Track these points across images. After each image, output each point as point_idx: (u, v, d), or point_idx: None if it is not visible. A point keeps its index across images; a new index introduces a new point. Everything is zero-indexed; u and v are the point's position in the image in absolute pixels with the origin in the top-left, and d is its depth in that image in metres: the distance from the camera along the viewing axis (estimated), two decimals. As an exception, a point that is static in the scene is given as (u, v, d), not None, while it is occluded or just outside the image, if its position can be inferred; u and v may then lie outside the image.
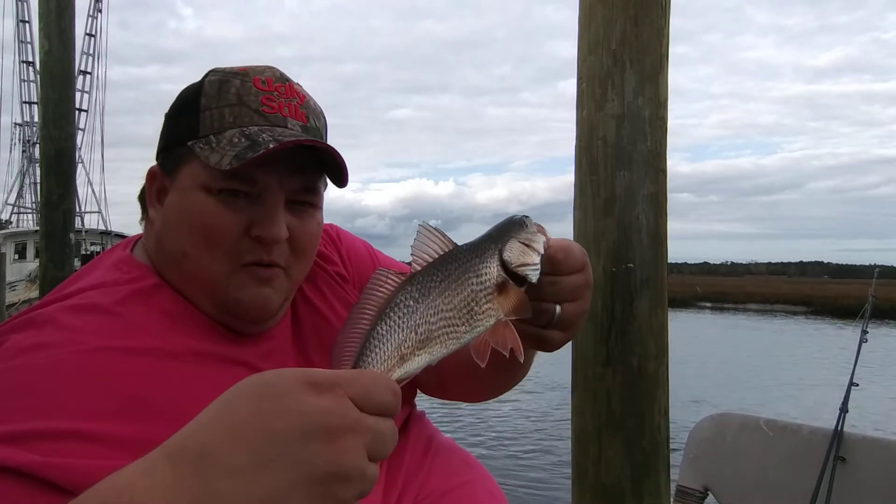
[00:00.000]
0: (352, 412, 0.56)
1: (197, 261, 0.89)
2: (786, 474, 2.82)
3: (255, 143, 0.86)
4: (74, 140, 7.09)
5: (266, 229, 0.88)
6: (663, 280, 2.43)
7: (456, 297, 0.69)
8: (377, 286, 0.70)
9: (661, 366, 2.40)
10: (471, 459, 1.11)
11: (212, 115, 0.90)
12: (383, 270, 0.71)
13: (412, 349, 0.67)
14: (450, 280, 0.70)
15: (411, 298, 0.68)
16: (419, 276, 0.70)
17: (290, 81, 0.96)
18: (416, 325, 0.67)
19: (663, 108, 2.40)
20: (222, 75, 0.93)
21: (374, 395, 0.57)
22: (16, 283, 18.02)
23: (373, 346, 0.66)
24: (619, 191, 2.37)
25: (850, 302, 31.27)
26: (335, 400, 0.55)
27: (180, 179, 0.91)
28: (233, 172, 0.85)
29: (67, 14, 6.73)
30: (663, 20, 2.38)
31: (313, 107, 0.98)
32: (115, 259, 0.94)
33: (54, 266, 6.62)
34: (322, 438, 0.54)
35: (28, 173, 37.76)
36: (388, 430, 0.58)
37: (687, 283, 59.37)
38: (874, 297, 3.51)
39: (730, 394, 13.29)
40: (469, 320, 0.70)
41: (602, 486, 2.38)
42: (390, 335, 0.67)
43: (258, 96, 0.91)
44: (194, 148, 0.89)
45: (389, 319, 0.67)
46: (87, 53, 33.71)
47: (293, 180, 0.91)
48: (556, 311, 0.83)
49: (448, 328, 0.69)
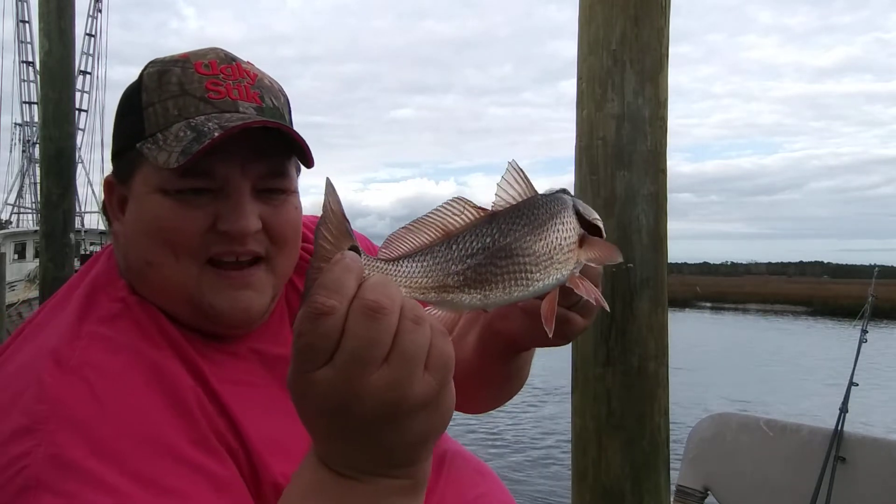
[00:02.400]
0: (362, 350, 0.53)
1: (161, 269, 0.82)
2: (786, 474, 2.82)
3: (201, 134, 0.79)
4: (74, 140, 7.09)
5: (232, 223, 0.81)
6: (663, 280, 2.43)
7: (539, 244, 0.66)
8: (449, 213, 0.64)
9: (661, 366, 2.40)
10: (483, 467, 1.07)
11: (155, 111, 0.83)
12: (461, 199, 0.65)
13: (463, 283, 0.63)
14: (534, 225, 0.66)
15: (487, 235, 0.64)
16: (501, 217, 0.66)
17: (238, 60, 0.88)
18: (478, 263, 0.63)
19: (663, 108, 2.40)
20: (161, 65, 0.86)
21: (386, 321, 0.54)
22: (15, 283, 18.00)
23: (424, 257, 0.62)
24: (619, 191, 2.37)
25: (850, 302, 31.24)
26: (336, 371, 0.54)
27: (135, 186, 0.84)
28: (186, 169, 0.78)
29: (67, 14, 6.73)
30: (663, 20, 2.38)
31: (269, 85, 0.89)
32: (101, 275, 0.88)
33: (54, 266, 6.62)
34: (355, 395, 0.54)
35: (28, 173, 37.76)
36: (419, 339, 0.55)
37: (687, 283, 59.37)
38: (874, 297, 3.51)
39: (730, 394, 13.28)
40: (546, 268, 0.67)
41: (602, 486, 2.38)
42: (448, 258, 0.62)
43: (202, 82, 0.84)
44: (142, 149, 0.82)
45: (456, 245, 0.63)
46: (87, 53, 33.72)
47: (257, 167, 0.83)
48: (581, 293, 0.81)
49: (519, 274, 0.65)
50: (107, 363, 0.75)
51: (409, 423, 0.56)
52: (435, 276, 0.61)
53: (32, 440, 0.68)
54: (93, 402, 0.71)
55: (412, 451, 0.59)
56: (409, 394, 0.54)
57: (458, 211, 0.64)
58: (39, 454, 0.67)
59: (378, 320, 0.53)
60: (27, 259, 22.26)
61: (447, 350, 0.56)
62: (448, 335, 0.57)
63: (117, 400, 0.72)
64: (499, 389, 1.07)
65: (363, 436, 0.56)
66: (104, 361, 0.75)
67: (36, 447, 0.67)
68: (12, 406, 0.71)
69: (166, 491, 0.68)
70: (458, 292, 0.62)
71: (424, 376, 0.55)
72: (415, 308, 0.55)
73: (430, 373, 0.55)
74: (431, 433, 0.58)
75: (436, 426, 0.58)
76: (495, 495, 1.03)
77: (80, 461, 0.67)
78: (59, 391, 0.71)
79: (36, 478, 0.65)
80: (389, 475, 0.59)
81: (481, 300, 0.64)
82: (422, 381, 0.55)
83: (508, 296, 0.65)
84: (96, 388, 0.72)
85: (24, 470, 0.66)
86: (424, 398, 0.55)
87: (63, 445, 0.67)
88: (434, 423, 0.57)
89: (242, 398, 0.81)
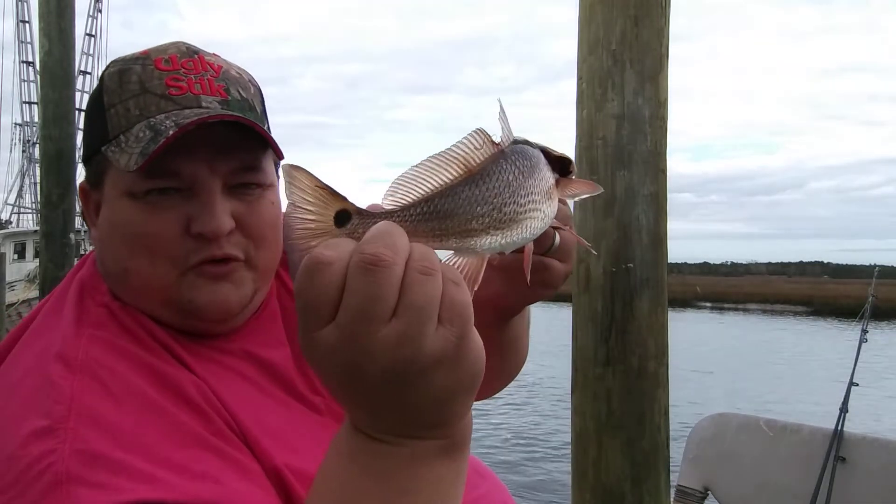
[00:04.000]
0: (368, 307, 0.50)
1: (139, 274, 0.80)
2: (786, 474, 2.82)
3: (158, 133, 0.76)
4: (74, 140, 7.08)
5: (205, 224, 0.78)
6: (663, 280, 2.43)
7: (541, 183, 0.64)
8: (471, 148, 0.59)
9: (661, 366, 2.40)
10: (482, 468, 1.06)
11: (117, 112, 0.81)
12: (482, 132, 0.60)
13: (488, 225, 0.58)
14: (533, 164, 0.64)
15: (509, 172, 0.60)
16: (511, 155, 0.62)
17: (201, 53, 0.85)
18: (503, 202, 0.59)
19: (663, 108, 2.40)
20: (122, 64, 0.83)
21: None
22: (15, 283, 18.00)
23: (445, 199, 0.57)
24: (619, 191, 2.37)
25: (850, 302, 31.24)
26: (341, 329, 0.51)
27: (106, 191, 0.82)
28: (151, 170, 0.76)
29: (67, 14, 6.73)
30: (663, 20, 2.38)
31: (235, 76, 0.86)
32: (85, 280, 0.86)
33: (54, 266, 6.62)
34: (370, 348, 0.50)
35: (28, 173, 37.79)
36: (426, 292, 0.51)
37: (687, 283, 59.34)
38: (874, 297, 3.51)
39: (730, 394, 13.29)
40: (547, 206, 0.65)
41: (602, 486, 2.38)
42: (473, 198, 0.58)
43: (162, 78, 0.81)
44: (106, 153, 0.80)
45: (483, 184, 0.58)
46: (87, 54, 33.75)
47: (227, 163, 0.80)
48: (555, 236, 0.79)
49: (533, 211, 0.62)
50: (112, 363, 0.75)
51: (429, 380, 0.52)
52: (461, 221, 0.57)
53: (55, 439, 0.66)
54: (108, 398, 0.71)
55: (442, 410, 0.55)
56: (422, 349, 0.50)
57: (479, 145, 0.60)
58: (65, 450, 0.65)
59: (378, 273, 0.49)
60: (27, 259, 22.27)
61: (462, 299, 0.52)
62: (464, 284, 0.53)
63: (131, 394, 0.72)
64: (497, 364, 1.04)
65: (382, 396, 0.53)
66: (109, 361, 0.75)
67: (60, 444, 0.66)
68: (27, 410, 0.70)
69: (198, 476, 0.67)
70: (482, 235, 0.58)
71: (439, 329, 0.51)
72: (424, 258, 0.51)
73: (444, 325, 0.51)
74: (459, 389, 0.54)
75: (463, 381, 0.54)
76: (495, 496, 1.02)
77: (108, 452, 0.66)
78: (73, 390, 0.70)
79: (66, 472, 0.64)
80: (424, 437, 0.56)
81: (501, 241, 0.60)
82: (435, 335, 0.51)
83: (526, 234, 0.62)
84: (108, 384, 0.72)
85: (52, 466, 0.64)
86: (440, 352, 0.51)
87: (87, 440, 0.66)
88: (460, 378, 0.53)
89: (238, 394, 0.80)
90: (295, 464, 0.76)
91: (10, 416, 0.71)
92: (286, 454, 0.77)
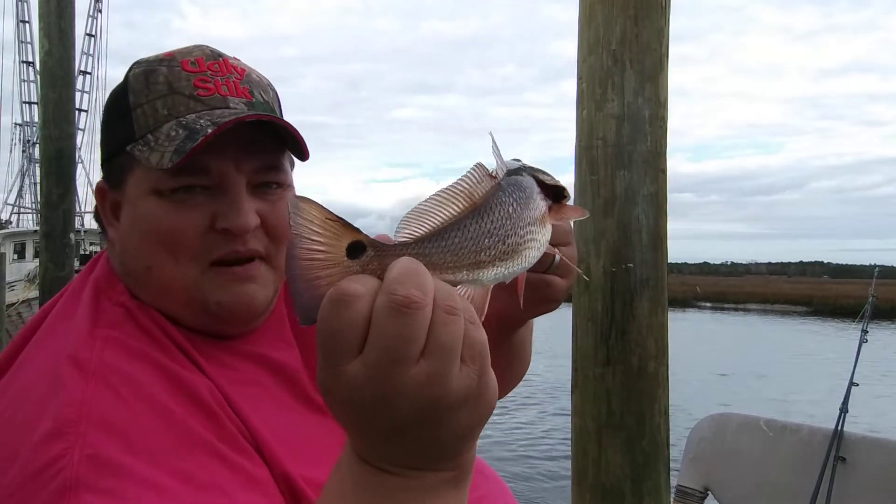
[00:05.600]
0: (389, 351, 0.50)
1: (161, 272, 0.81)
2: (786, 474, 2.82)
3: (194, 132, 0.78)
4: (74, 140, 7.09)
5: (232, 220, 0.80)
6: (663, 280, 2.43)
7: (535, 212, 0.65)
8: (474, 181, 0.60)
9: (661, 366, 2.40)
10: (485, 468, 1.06)
11: (144, 112, 0.82)
12: (481, 166, 0.61)
13: (495, 257, 0.60)
14: (528, 195, 0.65)
15: (509, 205, 0.61)
16: (508, 187, 0.63)
17: (224, 56, 0.87)
18: (506, 233, 0.60)
19: (663, 108, 2.40)
20: (147, 65, 0.85)
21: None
22: (15, 283, 17.99)
23: (456, 233, 0.57)
24: (619, 191, 2.37)
25: (850, 302, 31.26)
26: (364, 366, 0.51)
27: (129, 190, 0.83)
28: (180, 168, 0.77)
29: (67, 14, 6.73)
30: (663, 20, 2.38)
31: (257, 79, 0.89)
32: (100, 280, 0.86)
33: (54, 266, 6.62)
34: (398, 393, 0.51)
35: (28, 173, 37.80)
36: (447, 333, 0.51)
37: (687, 283, 59.36)
38: (874, 297, 3.51)
39: (730, 394, 13.28)
40: (542, 235, 0.66)
41: (602, 486, 2.38)
42: (480, 231, 0.59)
43: (190, 79, 0.83)
44: (133, 152, 0.81)
45: (487, 217, 0.59)
46: (87, 54, 33.75)
47: (251, 162, 0.83)
48: (555, 254, 0.81)
49: (530, 241, 0.64)
50: (125, 366, 0.75)
51: (452, 418, 0.53)
52: (470, 254, 0.58)
53: (64, 443, 0.67)
54: (119, 403, 0.71)
55: (459, 445, 0.56)
56: (449, 388, 0.51)
57: (479, 178, 0.61)
58: (74, 455, 0.66)
59: (410, 316, 0.49)
60: (27, 259, 22.26)
61: (480, 338, 0.53)
62: (478, 320, 0.54)
63: (142, 400, 0.72)
64: (503, 373, 1.06)
65: (404, 434, 0.53)
66: (122, 364, 0.75)
67: (69, 449, 0.66)
68: (38, 413, 0.70)
69: (204, 486, 0.68)
70: (492, 267, 0.59)
71: (463, 369, 0.52)
72: (448, 297, 0.52)
73: (467, 364, 0.52)
74: (477, 424, 0.55)
75: (481, 416, 0.55)
76: (497, 496, 1.02)
77: (117, 458, 0.66)
78: (83, 394, 0.70)
79: (74, 478, 0.64)
80: (437, 469, 0.57)
81: (503, 272, 0.61)
82: (461, 374, 0.52)
83: (524, 264, 0.63)
84: (120, 389, 0.72)
85: (62, 471, 0.65)
86: (466, 390, 0.52)
87: (97, 445, 0.66)
88: (479, 414, 0.55)
89: (251, 399, 0.80)
90: (305, 470, 0.76)
91: (21, 419, 0.71)
92: (297, 460, 0.77)
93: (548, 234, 0.67)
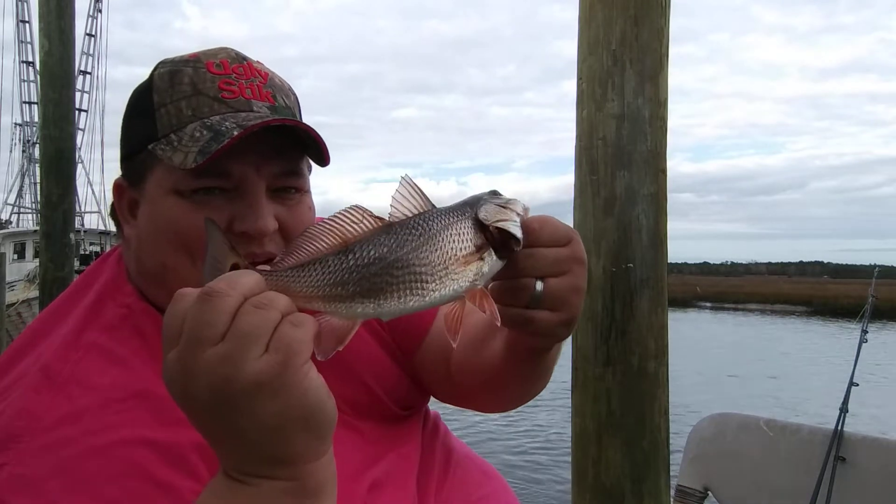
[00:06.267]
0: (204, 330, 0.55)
1: (178, 271, 0.81)
2: (786, 474, 2.82)
3: (219, 134, 0.78)
4: (74, 140, 7.09)
5: (250, 223, 0.81)
6: (663, 280, 2.43)
7: (434, 254, 0.66)
8: (347, 221, 0.65)
9: (661, 366, 2.40)
10: (488, 469, 1.06)
11: (168, 112, 0.82)
12: (359, 208, 0.65)
13: (357, 293, 0.63)
14: (428, 236, 0.66)
15: (384, 245, 0.64)
16: (397, 228, 0.66)
17: (249, 60, 0.88)
18: (373, 273, 0.63)
19: (663, 108, 2.40)
20: (172, 65, 0.85)
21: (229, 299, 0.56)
22: (14, 283, 17.98)
23: (315, 266, 0.63)
24: (619, 191, 2.37)
25: (850, 302, 31.25)
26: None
27: (148, 188, 0.83)
28: (202, 169, 0.78)
29: (67, 14, 6.72)
30: (663, 20, 2.38)
31: (279, 84, 0.89)
32: (109, 282, 0.87)
33: (54, 266, 6.62)
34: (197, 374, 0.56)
35: (28, 173, 37.76)
36: (261, 322, 0.56)
37: (687, 283, 59.32)
38: (874, 297, 3.51)
39: (730, 394, 13.28)
40: (442, 279, 0.66)
41: (602, 486, 2.38)
42: (341, 268, 0.63)
43: (215, 81, 0.83)
44: (156, 150, 0.81)
45: (352, 255, 0.64)
46: (87, 53, 33.73)
47: (272, 166, 0.83)
48: (535, 286, 0.72)
49: (414, 283, 0.65)
50: (95, 379, 0.76)
51: (252, 404, 0.55)
52: (325, 286, 0.63)
53: (2, 458, 0.70)
54: (69, 421, 0.73)
55: (275, 442, 0.57)
56: (242, 370, 0.54)
57: (356, 219, 0.65)
58: (5, 473, 0.69)
59: (209, 302, 0.55)
60: (27, 259, 22.26)
61: (293, 334, 0.56)
62: (305, 326, 0.57)
63: (95, 418, 0.73)
64: (528, 388, 1.03)
65: (212, 419, 0.57)
66: (93, 377, 0.77)
67: (3, 465, 0.70)
68: (1, 418, 0.74)
69: None
70: (351, 302, 0.63)
71: (263, 356, 0.55)
72: (263, 296, 0.57)
73: (270, 354, 0.55)
74: (286, 420, 0.57)
75: (289, 412, 0.56)
76: (500, 496, 1.03)
77: (42, 482, 0.69)
78: (38, 408, 0.73)
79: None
80: (269, 475, 0.59)
81: (374, 309, 0.64)
82: (258, 360, 0.55)
83: (404, 306, 0.65)
84: (77, 405, 0.74)
85: None
86: (259, 375, 0.55)
87: (29, 465, 0.70)
88: (286, 408, 0.56)
89: None
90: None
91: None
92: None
93: (462, 280, 0.66)
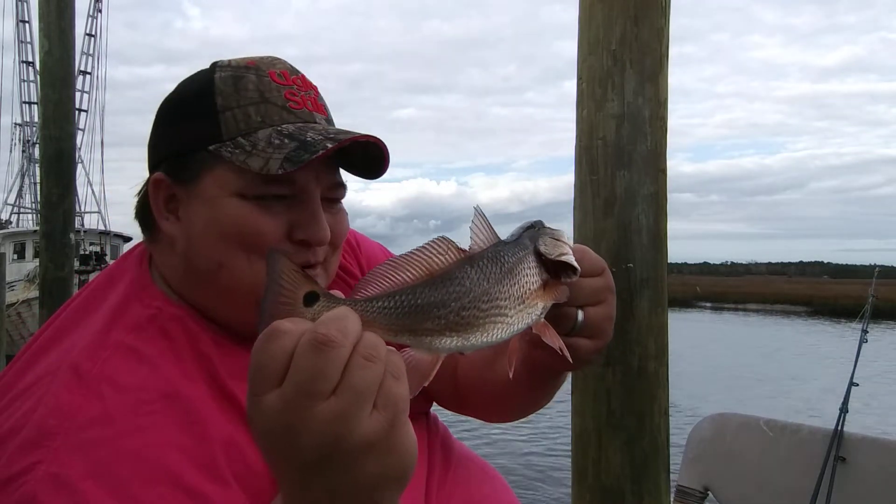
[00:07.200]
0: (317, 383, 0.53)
1: (234, 270, 0.82)
2: (786, 474, 2.82)
3: (306, 144, 0.81)
4: (74, 140, 7.09)
5: (313, 232, 0.84)
6: (663, 280, 2.43)
7: (513, 288, 0.67)
8: (435, 252, 0.64)
9: (661, 366, 2.40)
10: (489, 469, 1.08)
11: (235, 116, 0.84)
12: (445, 239, 0.65)
13: (445, 327, 0.62)
14: (506, 270, 0.67)
15: (470, 278, 0.64)
16: (478, 261, 0.66)
17: (300, 72, 0.92)
18: (462, 306, 0.63)
19: (663, 108, 2.40)
20: (233, 70, 0.87)
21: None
22: (14, 283, 17.98)
23: (405, 297, 0.61)
24: (619, 191, 2.37)
25: (850, 302, 31.25)
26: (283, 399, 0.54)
27: (204, 187, 0.84)
28: (271, 176, 0.80)
29: (67, 14, 6.72)
30: (663, 20, 2.38)
31: (322, 97, 0.93)
32: (135, 283, 0.87)
33: (54, 266, 6.62)
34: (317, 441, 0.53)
35: (28, 173, 37.74)
36: (370, 377, 0.54)
37: (687, 283, 59.35)
38: (874, 297, 3.51)
39: (730, 394, 13.28)
40: (520, 312, 0.67)
41: (602, 486, 2.38)
42: (431, 300, 0.62)
43: (280, 91, 0.86)
44: (221, 152, 0.82)
45: (443, 287, 0.63)
46: (87, 54, 33.65)
47: (328, 177, 0.87)
48: (577, 315, 0.80)
49: (498, 317, 0.65)
50: (125, 378, 0.76)
51: (357, 463, 0.54)
52: (414, 318, 0.61)
53: (35, 456, 0.69)
54: (102, 421, 0.72)
55: (366, 497, 0.56)
56: (354, 429, 0.53)
57: (442, 251, 0.65)
58: (40, 471, 0.68)
59: (325, 353, 0.53)
60: (26, 259, 22.24)
61: (399, 391, 0.55)
62: (404, 377, 0.56)
63: (127, 419, 0.73)
64: (537, 402, 1.08)
65: (312, 471, 0.55)
66: (123, 376, 0.76)
67: (37, 464, 0.68)
68: (27, 416, 0.73)
69: None
70: (438, 336, 0.62)
71: (373, 414, 0.54)
72: (371, 345, 0.55)
73: (378, 412, 0.54)
74: (385, 479, 0.56)
75: (389, 472, 0.56)
76: (501, 496, 1.03)
77: (76, 482, 0.68)
78: (71, 406, 0.72)
79: (32, 495, 0.67)
80: None
81: (460, 343, 0.63)
82: (369, 418, 0.54)
83: (487, 339, 0.65)
84: (109, 405, 0.73)
85: (23, 486, 0.67)
86: (371, 436, 0.54)
87: (63, 464, 0.69)
88: (388, 467, 0.55)
89: None
90: None
91: (13, 422, 0.73)
92: None
93: (532, 313, 0.68)
